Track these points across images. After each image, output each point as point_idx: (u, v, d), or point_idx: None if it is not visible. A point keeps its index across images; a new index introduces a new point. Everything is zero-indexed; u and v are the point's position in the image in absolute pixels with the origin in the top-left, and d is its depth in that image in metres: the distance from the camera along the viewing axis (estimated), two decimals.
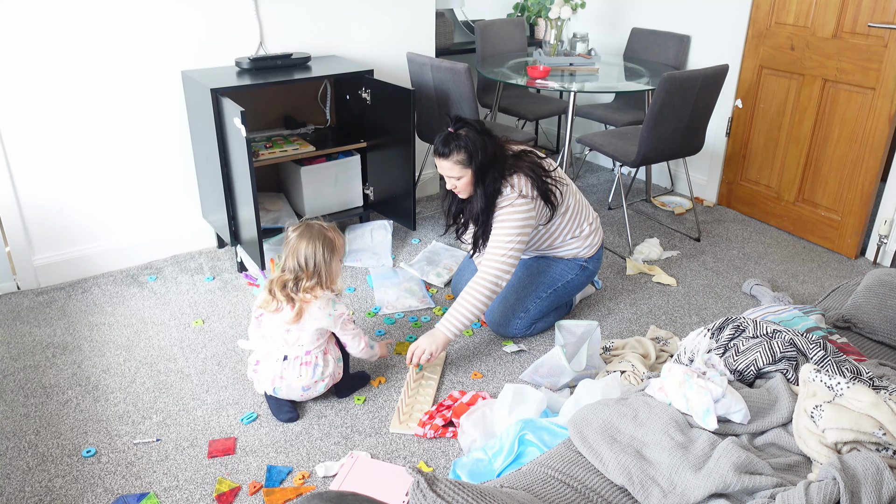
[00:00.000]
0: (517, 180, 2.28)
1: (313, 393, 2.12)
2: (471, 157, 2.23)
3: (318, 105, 3.35)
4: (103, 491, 1.85)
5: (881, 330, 1.98)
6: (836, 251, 3.29)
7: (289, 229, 2.12)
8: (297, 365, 2.07)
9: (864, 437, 1.42)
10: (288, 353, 2.08)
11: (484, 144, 2.23)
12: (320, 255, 2.05)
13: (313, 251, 2.04)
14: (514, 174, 2.28)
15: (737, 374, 1.68)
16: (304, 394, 2.10)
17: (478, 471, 1.85)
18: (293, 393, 2.10)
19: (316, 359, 2.09)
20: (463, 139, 2.22)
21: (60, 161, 2.77)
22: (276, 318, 2.06)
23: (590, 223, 2.55)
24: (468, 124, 2.26)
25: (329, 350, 2.13)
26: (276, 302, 2.05)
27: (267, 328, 2.11)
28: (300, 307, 2.03)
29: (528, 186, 2.28)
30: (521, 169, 2.29)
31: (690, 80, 2.88)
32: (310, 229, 2.08)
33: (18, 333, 2.55)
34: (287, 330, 2.06)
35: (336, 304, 2.09)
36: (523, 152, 2.35)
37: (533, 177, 2.29)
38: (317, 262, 2.05)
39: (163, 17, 2.79)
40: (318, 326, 2.06)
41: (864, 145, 3.06)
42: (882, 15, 2.89)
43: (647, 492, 1.40)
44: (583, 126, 4.50)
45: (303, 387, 2.08)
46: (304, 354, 2.08)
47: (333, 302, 2.08)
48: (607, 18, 4.22)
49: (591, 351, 2.28)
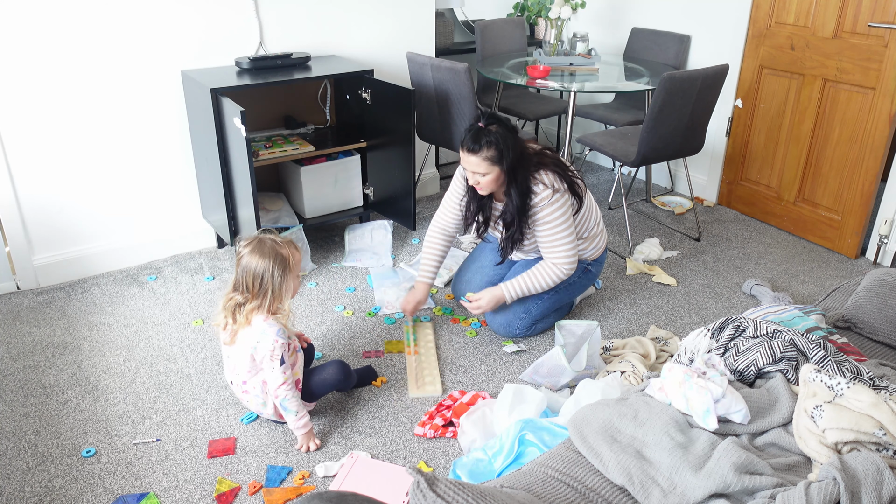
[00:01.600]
0: (545, 176, 2.28)
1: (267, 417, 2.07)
2: (501, 155, 2.20)
3: (318, 105, 3.35)
4: (103, 491, 1.85)
5: (881, 330, 1.98)
6: (837, 251, 3.29)
7: (240, 243, 1.97)
8: (240, 392, 2.03)
9: (865, 437, 1.42)
10: (233, 378, 2.04)
11: (515, 142, 2.22)
12: (268, 273, 1.89)
13: (262, 270, 1.89)
14: (540, 171, 2.29)
15: (737, 374, 1.68)
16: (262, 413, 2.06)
17: (478, 471, 1.85)
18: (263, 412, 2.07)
19: (254, 389, 1.98)
20: (494, 135, 2.19)
21: (60, 161, 2.77)
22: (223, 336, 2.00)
23: (597, 223, 2.55)
24: (499, 121, 2.23)
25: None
26: (224, 320, 1.95)
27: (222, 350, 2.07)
28: (236, 329, 1.93)
29: (557, 181, 2.29)
30: (546, 165, 2.30)
31: (690, 80, 2.88)
32: (261, 245, 1.92)
33: (18, 333, 2.55)
34: (227, 356, 2.01)
35: (266, 335, 1.89)
36: (543, 150, 2.36)
37: (559, 171, 2.31)
38: (263, 282, 1.89)
39: (163, 17, 2.79)
40: (249, 354, 1.93)
41: (864, 145, 3.06)
42: (882, 15, 2.89)
43: (647, 492, 1.40)
44: (583, 126, 4.50)
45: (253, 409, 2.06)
46: (241, 384, 2.01)
47: (264, 333, 1.89)
48: (607, 18, 4.22)
49: (591, 351, 2.27)
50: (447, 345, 2.51)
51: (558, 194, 2.28)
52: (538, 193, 2.28)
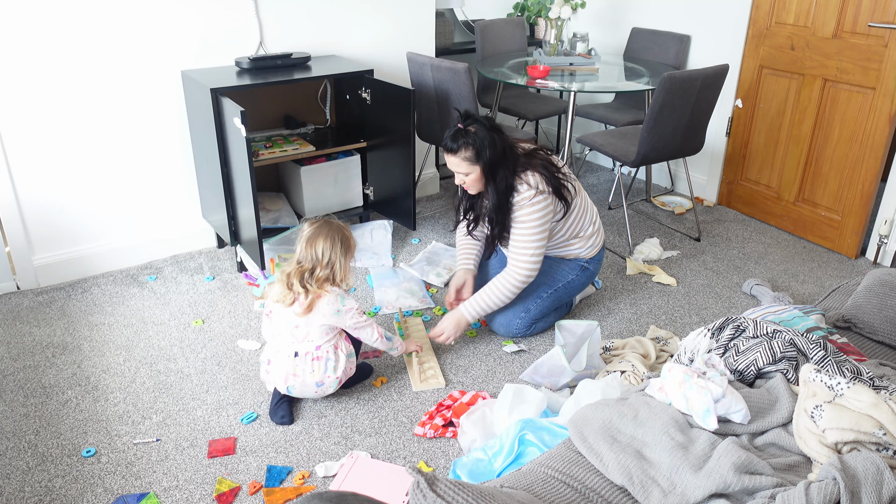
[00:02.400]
0: (531, 177, 2.28)
1: (328, 389, 2.12)
2: (479, 154, 2.23)
3: (318, 105, 3.35)
4: (103, 491, 1.85)
5: (881, 330, 1.98)
6: (837, 251, 3.29)
7: (305, 224, 2.14)
8: (309, 360, 2.07)
9: (865, 437, 1.42)
10: (298, 349, 2.08)
11: (493, 141, 2.24)
12: (337, 251, 2.06)
13: (331, 245, 2.06)
14: (526, 171, 2.29)
15: (737, 374, 1.68)
16: (318, 390, 2.10)
17: (478, 471, 1.85)
18: (308, 390, 2.10)
19: (327, 353, 2.09)
20: (472, 136, 2.23)
21: (60, 161, 2.77)
22: (286, 313, 2.07)
23: (593, 223, 2.55)
24: (477, 121, 2.26)
25: (339, 346, 2.13)
26: (292, 294, 2.05)
27: (277, 325, 2.11)
28: (312, 299, 2.03)
29: (542, 182, 2.29)
30: (534, 166, 2.30)
31: (690, 80, 2.88)
32: (329, 225, 2.10)
33: (18, 333, 2.55)
34: (296, 326, 2.06)
35: (345, 300, 2.09)
36: (534, 150, 2.36)
37: (546, 174, 2.30)
38: (331, 258, 2.06)
39: (163, 16, 2.79)
40: (325, 322, 2.06)
41: (864, 145, 3.06)
42: (882, 15, 2.89)
43: (647, 492, 1.40)
44: (583, 126, 4.50)
45: (316, 382, 2.08)
46: (314, 350, 2.08)
47: (342, 298, 2.09)
48: (607, 18, 4.22)
49: (591, 351, 2.27)
50: (447, 344, 2.51)
51: (540, 196, 2.28)
52: (520, 192, 2.28)
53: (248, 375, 2.33)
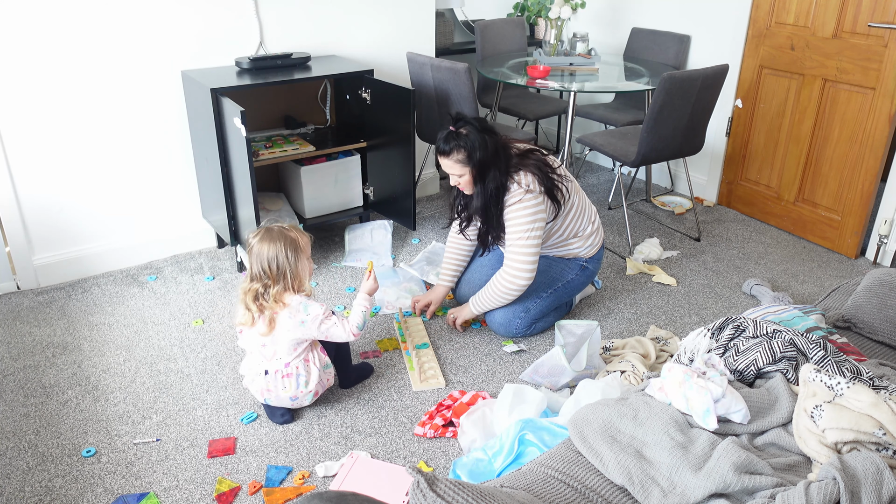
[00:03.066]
0: (523, 177, 2.29)
1: (303, 402, 2.09)
2: (470, 156, 2.25)
3: (318, 105, 3.35)
4: (103, 491, 1.85)
5: (881, 330, 1.98)
6: (836, 251, 3.29)
7: (249, 236, 2.05)
8: (279, 378, 2.03)
9: (865, 437, 1.42)
10: (268, 367, 2.04)
11: (484, 143, 2.24)
12: (283, 256, 1.97)
13: (275, 252, 1.96)
14: (519, 171, 2.30)
15: (737, 373, 1.68)
16: (293, 403, 2.08)
17: (478, 471, 1.85)
18: (283, 402, 2.07)
19: (297, 369, 2.03)
20: (463, 138, 2.24)
21: (60, 161, 2.77)
22: (252, 332, 2.03)
23: (592, 222, 2.55)
24: (468, 123, 2.27)
25: (311, 359, 2.06)
26: (250, 314, 1.99)
27: (246, 343, 2.08)
28: (271, 316, 1.97)
29: (534, 182, 2.29)
30: (527, 166, 2.31)
31: (690, 80, 2.88)
32: (269, 231, 2.00)
33: (18, 333, 2.55)
34: (262, 344, 2.02)
35: (308, 307, 2.00)
36: (529, 151, 2.36)
37: (539, 174, 2.30)
38: (280, 264, 1.97)
39: (163, 16, 2.79)
40: (292, 337, 2.00)
41: (864, 145, 3.06)
42: (882, 15, 2.89)
43: (647, 492, 1.40)
44: (583, 126, 4.50)
45: (290, 397, 2.06)
46: (283, 367, 2.03)
47: (305, 306, 1.99)
48: (607, 18, 4.22)
49: (591, 351, 2.28)
50: (447, 344, 2.51)
51: (530, 195, 2.28)
52: (511, 192, 2.29)
53: None
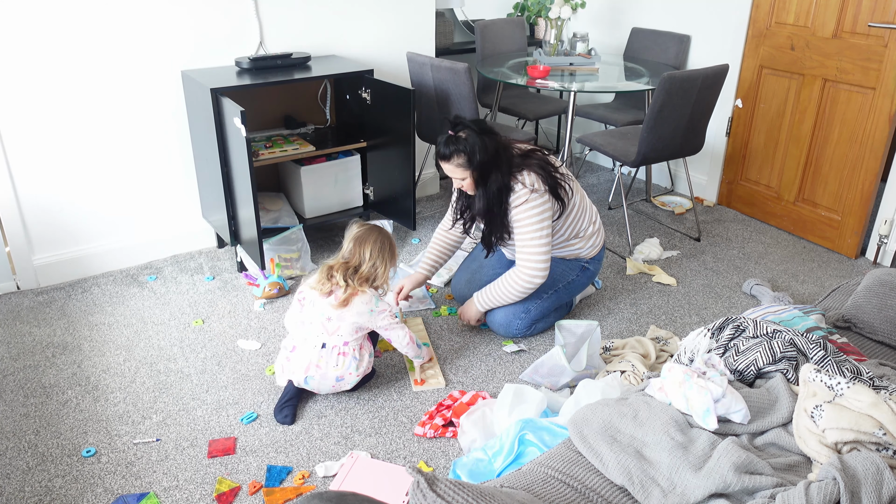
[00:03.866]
0: (526, 176, 2.29)
1: (345, 385, 2.14)
2: (470, 159, 2.24)
3: (318, 105, 3.35)
4: (103, 491, 1.85)
5: (881, 330, 1.98)
6: (836, 251, 3.29)
7: (354, 224, 2.22)
8: (335, 354, 2.10)
9: (865, 437, 1.42)
10: (327, 341, 2.11)
11: (484, 145, 2.24)
12: (384, 256, 2.15)
13: (379, 250, 2.14)
14: (522, 171, 2.30)
15: (737, 373, 1.68)
16: (336, 384, 2.13)
17: (478, 471, 1.85)
18: (326, 383, 2.12)
19: (353, 350, 2.13)
20: (462, 142, 2.24)
21: (60, 161, 2.77)
22: (320, 303, 2.10)
23: (593, 222, 2.55)
24: (467, 126, 2.26)
25: (364, 345, 2.18)
26: (330, 284, 2.09)
27: (309, 313, 2.13)
28: (349, 295, 2.08)
29: (538, 181, 2.29)
30: (530, 166, 2.31)
31: (690, 80, 2.88)
32: (379, 230, 2.19)
33: (18, 333, 2.55)
34: (328, 318, 2.09)
35: (379, 302, 2.15)
36: (531, 151, 2.36)
37: (542, 173, 2.31)
38: (377, 262, 2.14)
39: (163, 16, 2.79)
40: (358, 320, 2.11)
41: (864, 145, 3.06)
42: (882, 15, 2.89)
43: (647, 492, 1.40)
44: (583, 126, 4.50)
45: (337, 377, 2.11)
46: (342, 345, 2.12)
47: (376, 299, 2.14)
48: (607, 18, 4.22)
49: (591, 351, 2.28)
50: (447, 344, 2.51)
51: (535, 195, 2.28)
52: (516, 192, 2.29)
53: (248, 375, 2.33)
